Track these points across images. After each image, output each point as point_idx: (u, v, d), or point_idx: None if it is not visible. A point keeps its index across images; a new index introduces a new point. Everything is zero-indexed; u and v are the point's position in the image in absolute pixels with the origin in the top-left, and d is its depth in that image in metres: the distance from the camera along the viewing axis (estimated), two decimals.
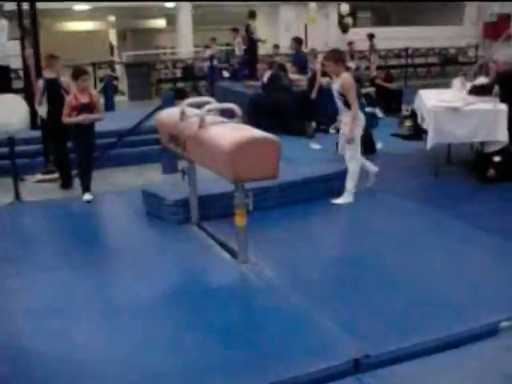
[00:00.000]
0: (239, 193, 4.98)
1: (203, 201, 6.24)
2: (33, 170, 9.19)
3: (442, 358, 3.90)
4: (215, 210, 6.25)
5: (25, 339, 4.23)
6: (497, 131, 8.24)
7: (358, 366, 3.82)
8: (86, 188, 7.78)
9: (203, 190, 6.22)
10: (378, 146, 10.42)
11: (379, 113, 13.77)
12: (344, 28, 21.89)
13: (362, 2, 22.46)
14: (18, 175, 8.20)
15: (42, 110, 8.59)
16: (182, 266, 5.36)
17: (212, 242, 5.78)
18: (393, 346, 3.98)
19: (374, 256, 5.44)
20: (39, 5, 9.46)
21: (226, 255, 5.42)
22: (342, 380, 3.71)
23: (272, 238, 5.91)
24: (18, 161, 8.25)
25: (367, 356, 3.87)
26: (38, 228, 6.68)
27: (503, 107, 8.35)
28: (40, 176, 9.13)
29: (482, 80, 10.03)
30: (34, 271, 5.30)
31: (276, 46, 18.69)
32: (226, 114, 5.81)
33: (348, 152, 7.12)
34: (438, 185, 8.22)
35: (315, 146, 11.06)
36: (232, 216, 5.10)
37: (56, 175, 8.85)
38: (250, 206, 5.03)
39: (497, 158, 8.32)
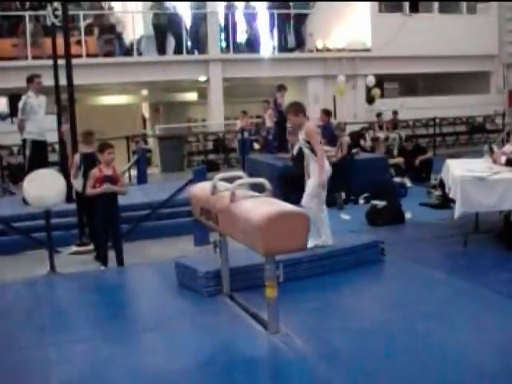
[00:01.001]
0: (269, 265, 5.05)
1: (235, 272, 6.31)
2: (68, 242, 9.41)
3: None
4: (247, 281, 6.31)
5: None
6: None
7: None
8: (104, 257, 8.03)
9: (235, 262, 6.30)
10: (407, 215, 10.50)
11: (408, 182, 13.88)
12: (370, 99, 22.11)
13: (388, 75, 22.71)
14: (53, 247, 8.41)
15: (78, 183, 8.85)
16: (212, 337, 5.40)
17: (243, 313, 5.81)
18: None
19: (404, 327, 5.45)
20: (75, 80, 9.83)
21: (257, 326, 5.45)
22: None
23: (302, 308, 5.95)
24: (54, 233, 8.48)
25: None
26: (72, 299, 6.80)
27: None
28: (75, 248, 9.34)
29: (509, 147, 10.13)
30: (68, 342, 5.37)
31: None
32: (257, 187, 5.98)
33: (311, 204, 7.20)
34: (467, 253, 8.25)
35: (345, 216, 11.17)
36: (263, 287, 5.16)
37: (90, 247, 9.04)
38: (281, 278, 5.09)
39: None
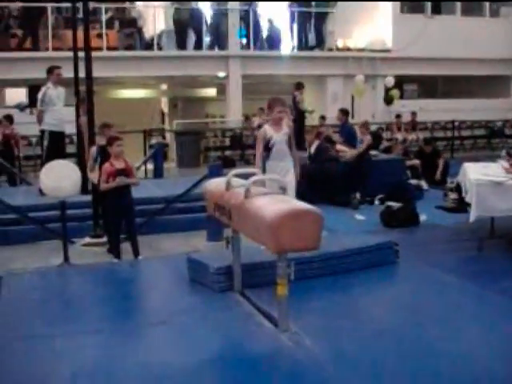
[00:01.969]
0: (281, 263, 5.04)
1: (246, 269, 6.30)
2: (82, 233, 9.45)
3: None
4: (258, 278, 6.30)
5: None
6: None
7: None
8: (116, 250, 8.11)
9: (247, 258, 6.29)
10: (422, 217, 10.46)
11: (424, 185, 13.82)
12: (388, 100, 22.02)
13: (408, 76, 22.61)
14: (67, 238, 8.45)
15: (94, 175, 8.88)
16: (222, 333, 5.40)
17: (254, 310, 5.80)
18: None
19: (415, 330, 5.41)
20: (95, 73, 9.87)
21: (267, 323, 5.44)
22: None
23: (313, 307, 5.92)
24: (69, 224, 8.51)
25: None
26: (84, 291, 6.80)
27: None
28: (88, 239, 9.38)
29: None
30: (79, 333, 5.38)
31: (323, 118, 18.89)
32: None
33: None
34: (481, 259, 8.19)
35: (360, 217, 11.15)
36: (274, 284, 5.15)
37: (104, 239, 9.07)
38: (292, 276, 5.07)
39: None
